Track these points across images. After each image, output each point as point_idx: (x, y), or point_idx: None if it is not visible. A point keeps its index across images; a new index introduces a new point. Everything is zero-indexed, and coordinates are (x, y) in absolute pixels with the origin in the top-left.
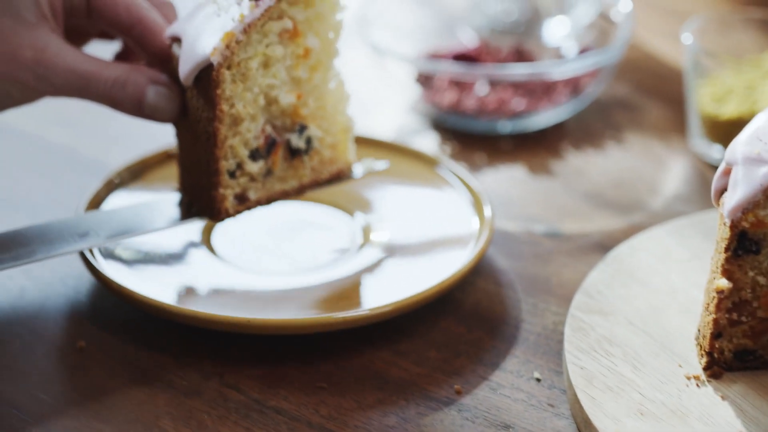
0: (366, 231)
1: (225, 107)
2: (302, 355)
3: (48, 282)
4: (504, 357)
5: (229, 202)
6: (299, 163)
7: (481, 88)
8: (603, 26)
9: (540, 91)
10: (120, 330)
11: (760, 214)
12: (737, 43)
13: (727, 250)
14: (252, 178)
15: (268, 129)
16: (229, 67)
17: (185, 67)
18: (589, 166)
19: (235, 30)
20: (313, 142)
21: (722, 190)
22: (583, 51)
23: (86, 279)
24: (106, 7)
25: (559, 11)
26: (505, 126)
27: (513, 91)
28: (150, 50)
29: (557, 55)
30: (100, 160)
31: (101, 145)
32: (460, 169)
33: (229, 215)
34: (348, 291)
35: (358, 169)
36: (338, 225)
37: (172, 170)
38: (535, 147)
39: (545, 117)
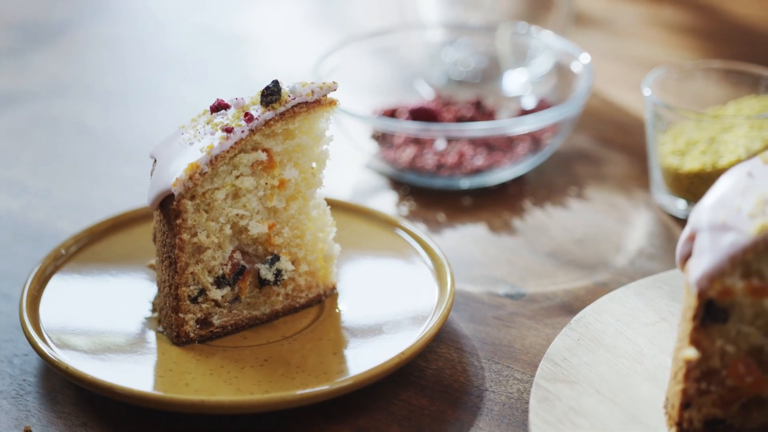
0: (323, 301)
1: (186, 236)
2: None
3: None
4: (468, 430)
5: (190, 327)
6: (270, 290)
7: (440, 143)
8: (562, 76)
9: (499, 145)
10: (70, 413)
11: (727, 283)
12: (698, 94)
13: (694, 319)
14: (217, 304)
15: (237, 256)
16: (192, 198)
17: (151, 193)
18: (551, 223)
19: (200, 162)
20: (283, 275)
21: (687, 256)
22: (542, 101)
23: (34, 358)
24: None
25: (518, 61)
26: (465, 182)
27: (472, 147)
28: None
29: (516, 105)
30: (49, 229)
31: (50, 213)
32: (420, 231)
33: (189, 339)
34: (305, 365)
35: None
36: None
37: (122, 239)
38: (496, 203)
39: (505, 172)
